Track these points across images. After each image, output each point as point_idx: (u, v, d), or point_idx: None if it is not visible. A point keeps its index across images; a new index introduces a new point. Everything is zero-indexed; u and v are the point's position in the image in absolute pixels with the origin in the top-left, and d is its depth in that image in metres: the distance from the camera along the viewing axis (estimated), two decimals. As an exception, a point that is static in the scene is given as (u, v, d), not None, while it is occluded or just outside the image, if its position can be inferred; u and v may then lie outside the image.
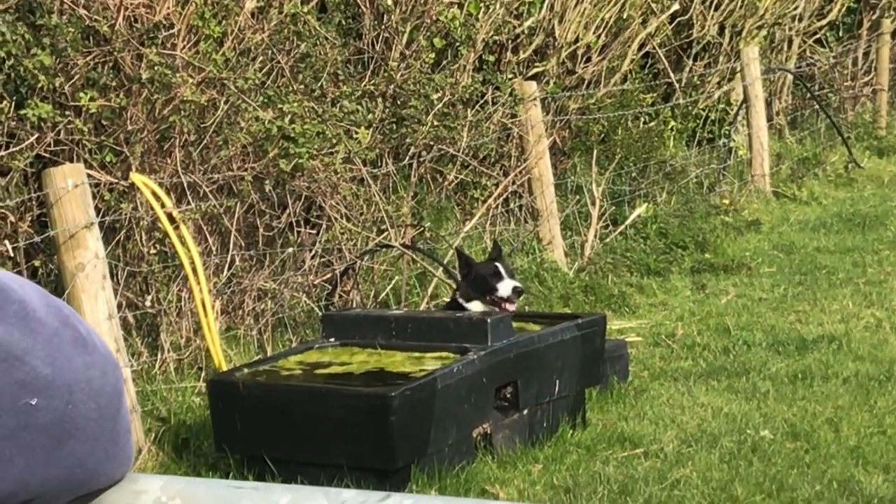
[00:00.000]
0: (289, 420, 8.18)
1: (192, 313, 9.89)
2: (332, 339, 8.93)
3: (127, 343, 9.27)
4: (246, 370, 8.60)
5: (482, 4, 13.27)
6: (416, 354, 8.49)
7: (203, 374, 9.28)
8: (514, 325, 8.90)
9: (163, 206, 9.15)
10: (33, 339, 1.77)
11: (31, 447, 1.78)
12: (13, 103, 9.40)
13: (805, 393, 9.38)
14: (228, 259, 10.52)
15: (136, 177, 9.26)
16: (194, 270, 9.15)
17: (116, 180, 9.56)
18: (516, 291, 9.30)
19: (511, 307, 9.23)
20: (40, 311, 1.80)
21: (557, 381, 8.71)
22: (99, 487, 1.91)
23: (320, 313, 9.73)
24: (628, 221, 13.92)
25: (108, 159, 9.83)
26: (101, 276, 8.58)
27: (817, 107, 20.62)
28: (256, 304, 10.58)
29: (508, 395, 8.54)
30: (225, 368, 8.95)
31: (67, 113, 9.65)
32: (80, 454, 1.84)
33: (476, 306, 9.17)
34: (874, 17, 23.14)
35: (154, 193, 9.17)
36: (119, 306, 9.28)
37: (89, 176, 8.90)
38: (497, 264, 9.41)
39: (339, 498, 1.89)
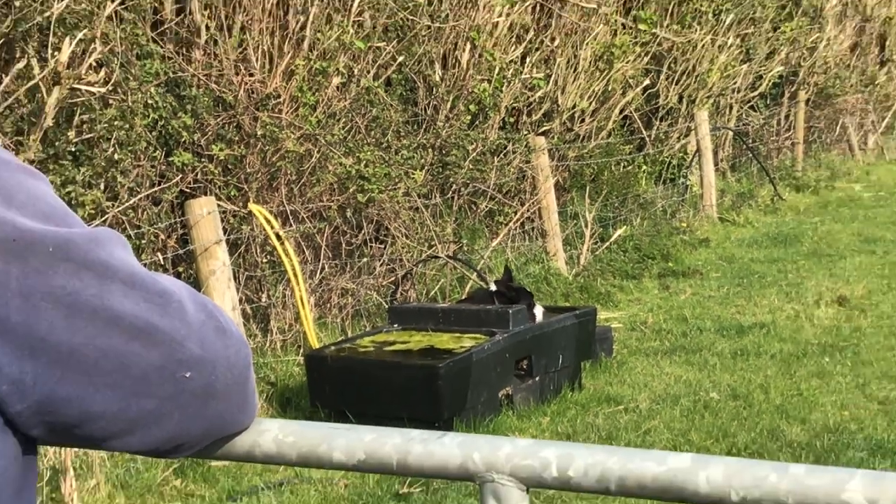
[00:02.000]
0: (364, 384, 8.25)
1: (293, 306, 9.93)
2: (396, 325, 9.00)
3: (245, 328, 9.41)
4: (332, 348, 8.68)
5: (504, 81, 13.30)
6: (457, 336, 8.52)
7: (301, 350, 9.36)
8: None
9: (272, 227, 9.25)
10: (188, 328, 1.79)
11: (185, 407, 1.82)
12: (164, 152, 9.60)
13: (743, 365, 9.44)
14: (319, 266, 10.56)
15: (252, 206, 9.38)
16: (294, 275, 9.25)
17: (238, 209, 9.64)
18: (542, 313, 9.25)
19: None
20: (191, 307, 1.82)
21: (561, 356, 8.78)
22: (233, 432, 1.97)
23: (387, 306, 9.78)
24: (612, 239, 13.89)
25: (232, 193, 9.92)
26: (227, 279, 8.67)
27: (751, 155, 20.61)
28: (340, 299, 10.63)
29: (525, 366, 8.59)
30: (317, 346, 9.01)
31: (203, 160, 9.76)
32: (220, 410, 1.89)
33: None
34: (793, 90, 23.22)
35: (266, 218, 9.28)
36: (240, 301, 9.34)
37: (218, 206, 8.96)
38: (532, 299, 9.29)
39: (409, 436, 1.91)
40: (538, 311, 9.08)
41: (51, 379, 1.67)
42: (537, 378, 8.62)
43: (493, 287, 9.50)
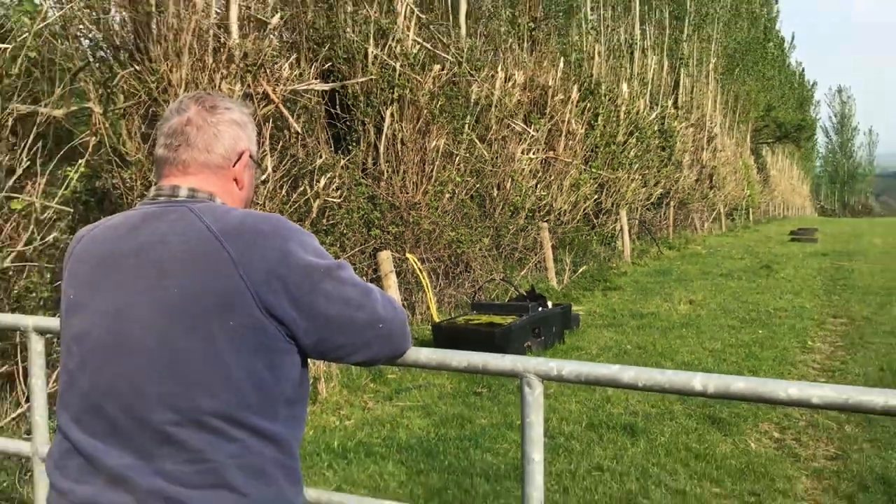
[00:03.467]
0: (461, 339, 7.97)
1: (425, 302, 9.63)
2: (475, 312, 8.87)
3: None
4: (445, 321, 8.46)
5: (527, 196, 13.29)
6: (505, 316, 8.38)
7: (430, 323, 9.09)
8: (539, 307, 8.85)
9: (416, 265, 9.11)
10: (379, 305, 1.71)
11: (379, 341, 1.72)
12: (367, 230, 9.52)
13: (642, 332, 9.39)
14: (438, 283, 10.50)
15: (408, 255, 9.32)
16: (427, 287, 9.08)
17: (400, 256, 9.46)
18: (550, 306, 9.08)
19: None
20: (380, 296, 1.75)
21: (554, 327, 8.68)
22: (401, 353, 1.83)
23: (470, 302, 9.57)
24: (578, 272, 13.90)
25: (398, 248, 9.75)
26: (395, 288, 8.57)
27: (647, 232, 20.58)
28: (448, 299, 10.56)
29: (537, 331, 8.39)
30: (437, 321, 8.79)
31: (385, 233, 9.66)
32: (395, 343, 1.77)
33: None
34: (667, 200, 23.21)
35: (413, 260, 9.12)
36: (401, 299, 9.33)
37: (393, 254, 8.90)
38: (545, 300, 9.08)
39: (488, 356, 1.95)
40: (549, 305, 8.98)
41: (322, 329, 1.64)
42: (543, 338, 8.45)
43: (524, 293, 9.53)
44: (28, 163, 5.11)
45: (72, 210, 5.25)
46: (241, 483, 1.54)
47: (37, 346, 2.24)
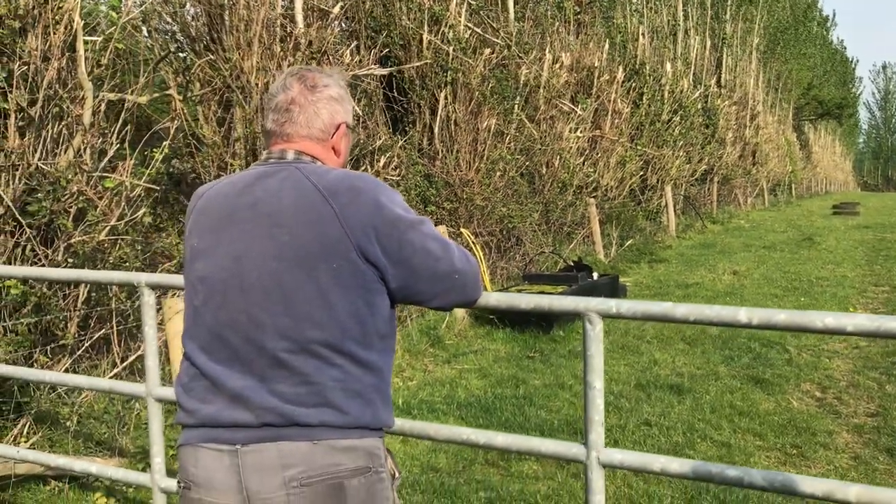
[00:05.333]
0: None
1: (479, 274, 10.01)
2: (526, 282, 8.87)
3: None
4: (497, 292, 8.69)
5: (574, 172, 13.21)
6: (555, 286, 8.39)
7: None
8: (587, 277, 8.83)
9: (471, 238, 9.13)
10: (456, 257, 1.82)
11: (457, 288, 1.82)
12: (423, 205, 9.50)
13: (688, 301, 8.84)
14: (491, 256, 10.45)
15: (462, 230, 9.38)
16: (480, 259, 8.95)
17: (455, 230, 9.44)
18: (597, 276, 9.05)
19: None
20: (457, 251, 1.85)
21: (602, 296, 8.55)
22: (475, 299, 1.91)
23: (521, 274, 9.52)
24: (625, 245, 13.84)
25: (452, 224, 9.83)
26: None
27: (692, 207, 20.49)
28: (500, 271, 10.51)
29: None
30: (490, 291, 9.07)
31: (440, 208, 9.66)
32: (469, 292, 1.85)
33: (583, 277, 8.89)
34: (711, 176, 22.87)
35: (468, 234, 9.19)
36: None
37: (448, 229, 8.95)
38: (592, 271, 9.07)
39: (555, 296, 2.03)
40: (595, 275, 9.00)
41: (406, 276, 1.75)
42: None
43: (570, 263, 9.60)
44: (118, 145, 5.36)
45: (159, 188, 5.50)
46: (343, 403, 1.70)
47: (148, 299, 2.43)
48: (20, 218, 4.54)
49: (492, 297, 2.08)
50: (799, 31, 40.21)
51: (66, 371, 4.94)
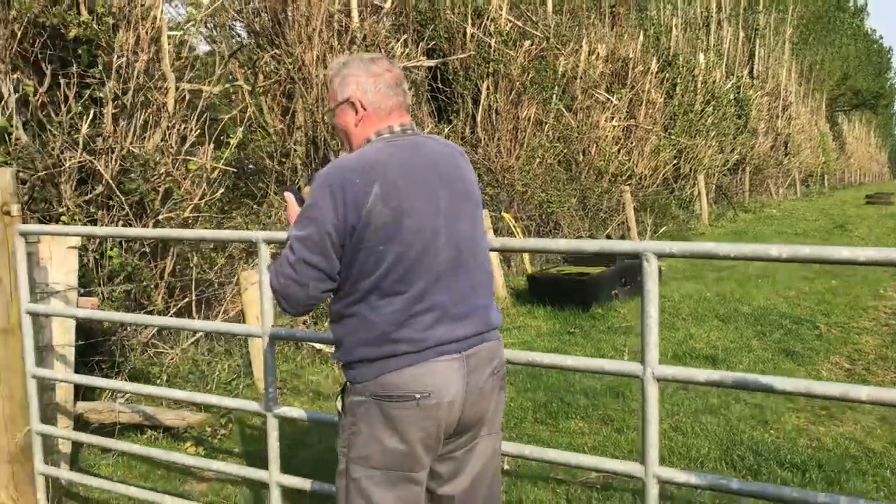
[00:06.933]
0: (554, 287, 8.06)
1: (520, 256, 9.79)
2: (565, 264, 8.96)
3: (501, 265, 8.88)
4: (538, 273, 8.55)
5: (610, 160, 13.43)
6: (594, 267, 8.44)
7: (525, 274, 9.16)
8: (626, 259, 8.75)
9: (513, 222, 9.26)
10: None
11: (482, 287, 2.11)
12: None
13: (721, 283, 9.32)
14: (533, 238, 10.88)
15: (505, 214, 9.56)
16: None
17: (497, 215, 9.71)
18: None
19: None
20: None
21: (639, 277, 8.61)
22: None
23: (562, 256, 9.46)
24: (659, 232, 13.92)
25: (492, 209, 9.92)
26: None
27: (724, 195, 20.47)
28: (540, 253, 10.73)
29: (623, 281, 8.40)
30: (531, 272, 8.87)
31: (483, 194, 9.90)
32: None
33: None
34: (743, 166, 22.77)
35: (509, 218, 9.35)
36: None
37: (491, 214, 9.13)
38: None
39: (604, 241, 2.36)
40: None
41: None
42: (628, 287, 8.42)
43: None
44: (198, 131, 5.79)
45: (235, 171, 5.92)
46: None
47: (265, 253, 2.78)
48: (119, 195, 4.97)
49: (561, 243, 2.30)
50: (832, 22, 39.72)
51: (155, 335, 5.37)
